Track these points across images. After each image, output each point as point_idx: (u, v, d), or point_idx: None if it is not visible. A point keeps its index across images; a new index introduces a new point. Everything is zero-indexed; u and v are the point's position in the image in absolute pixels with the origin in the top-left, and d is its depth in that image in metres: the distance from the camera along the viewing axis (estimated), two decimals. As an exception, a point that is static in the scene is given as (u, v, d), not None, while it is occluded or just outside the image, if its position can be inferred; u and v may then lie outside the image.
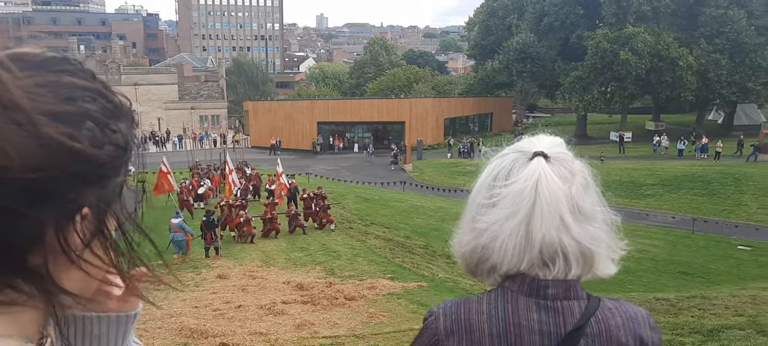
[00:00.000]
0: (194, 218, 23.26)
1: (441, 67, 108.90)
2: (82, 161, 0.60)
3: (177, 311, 12.47)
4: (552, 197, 1.12)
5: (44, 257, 0.61)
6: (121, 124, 0.67)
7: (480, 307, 1.18)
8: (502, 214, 1.15)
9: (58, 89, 0.60)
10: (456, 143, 50.59)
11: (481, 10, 68.15)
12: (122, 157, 0.67)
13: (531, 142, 1.21)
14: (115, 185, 0.67)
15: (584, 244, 1.14)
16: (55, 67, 0.62)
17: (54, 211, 0.59)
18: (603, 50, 50.23)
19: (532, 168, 1.15)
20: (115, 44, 67.01)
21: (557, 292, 1.15)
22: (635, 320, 1.19)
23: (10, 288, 0.59)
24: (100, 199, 0.65)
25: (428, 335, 1.22)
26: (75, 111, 0.60)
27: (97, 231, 0.66)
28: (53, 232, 0.60)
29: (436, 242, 21.71)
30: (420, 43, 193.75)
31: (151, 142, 55.68)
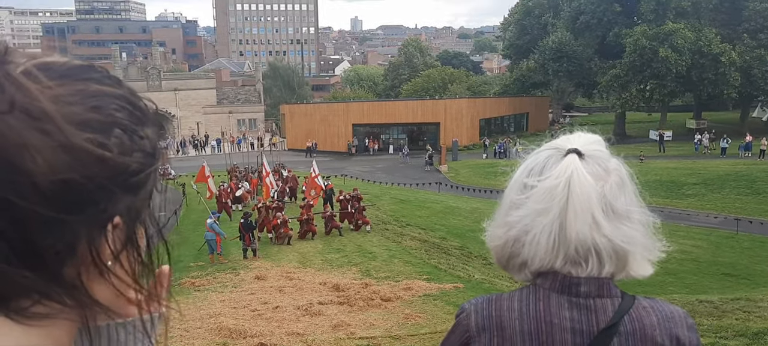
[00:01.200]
0: (232, 220, 23.63)
1: (476, 68, 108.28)
2: (112, 169, 0.60)
3: (216, 312, 12.70)
4: (584, 195, 1.12)
5: (78, 268, 0.61)
6: (149, 130, 0.67)
7: (511, 304, 1.18)
8: (534, 209, 1.15)
9: (85, 98, 0.60)
10: (492, 144, 50.23)
11: (516, 9, 67.55)
12: (151, 165, 0.66)
13: (567, 139, 1.21)
14: (145, 193, 0.67)
15: (617, 243, 1.13)
16: (81, 75, 0.62)
17: (86, 221, 0.60)
18: (641, 48, 49.24)
19: (564, 165, 1.15)
20: (155, 51, 68.48)
21: (590, 290, 1.15)
22: (672, 320, 1.17)
23: (46, 300, 0.59)
24: (130, 207, 0.64)
25: (460, 332, 1.23)
26: (103, 119, 0.61)
27: (127, 241, 0.66)
28: (86, 242, 0.61)
29: (472, 243, 21.60)
30: (454, 43, 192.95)
31: (190, 145, 56.79)
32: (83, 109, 0.59)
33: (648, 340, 1.14)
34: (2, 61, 0.58)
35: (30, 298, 0.58)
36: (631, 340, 1.14)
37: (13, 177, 0.54)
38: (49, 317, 0.60)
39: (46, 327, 0.60)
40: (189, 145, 56.81)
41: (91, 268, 0.62)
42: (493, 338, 1.17)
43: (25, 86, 0.57)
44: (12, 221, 0.55)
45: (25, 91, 0.57)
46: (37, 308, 0.59)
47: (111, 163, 0.60)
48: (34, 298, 0.58)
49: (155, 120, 0.69)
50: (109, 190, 0.60)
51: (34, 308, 0.58)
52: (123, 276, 0.66)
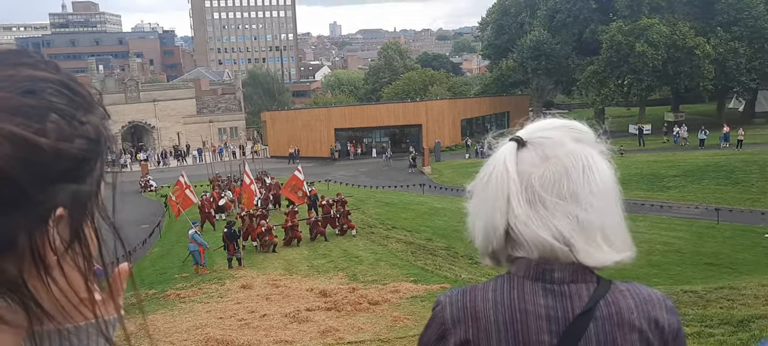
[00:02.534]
0: (216, 230, 23.45)
1: (456, 69, 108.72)
2: (50, 156, 0.56)
3: (202, 323, 12.59)
4: (500, 182, 1.14)
5: (19, 267, 0.56)
6: (92, 116, 0.62)
7: (486, 294, 1.17)
8: (474, 197, 1.20)
9: (16, 82, 0.56)
10: (474, 144, 50.45)
11: (493, 9, 67.96)
12: (95, 150, 0.62)
13: (526, 128, 1.23)
14: (91, 182, 0.62)
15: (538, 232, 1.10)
16: (11, 59, 0.59)
17: (23, 214, 0.55)
18: (618, 43, 49.85)
19: (497, 153, 1.18)
20: (132, 62, 67.85)
21: (564, 275, 1.13)
22: (650, 302, 1.15)
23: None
24: (74, 198, 0.59)
25: (436, 325, 1.22)
26: (37, 104, 0.56)
27: (74, 236, 0.60)
28: (25, 236, 0.56)
29: (458, 243, 21.65)
30: (434, 45, 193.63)
31: (171, 156, 56.31)
32: (14, 94, 0.55)
33: (625, 324, 1.12)
34: None
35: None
36: (607, 324, 1.12)
37: None
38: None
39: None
40: (170, 156, 56.35)
41: (35, 267, 0.57)
42: (468, 329, 1.16)
43: None
44: None
45: None
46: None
47: (48, 149, 0.55)
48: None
49: (100, 107, 0.64)
50: (47, 178, 0.56)
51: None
52: (70, 274, 0.61)
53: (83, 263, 0.62)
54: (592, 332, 1.11)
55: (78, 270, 0.62)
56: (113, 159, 0.64)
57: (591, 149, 1.18)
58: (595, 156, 1.17)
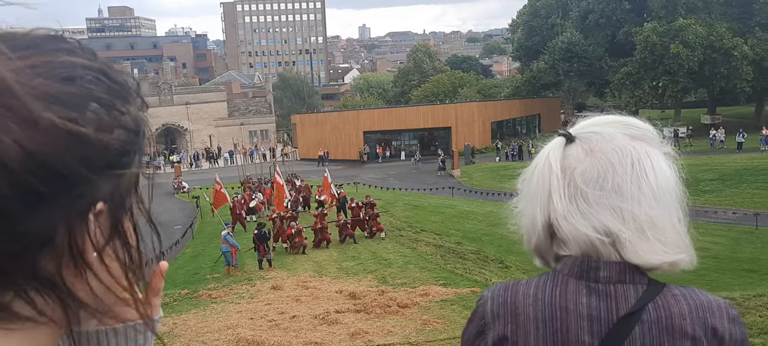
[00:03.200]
0: (247, 231, 23.70)
1: (486, 71, 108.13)
2: (89, 148, 0.53)
3: (233, 323, 12.72)
4: (543, 176, 1.11)
5: (58, 263, 0.54)
6: (130, 106, 0.59)
7: (527, 290, 1.14)
8: (520, 192, 1.18)
9: (54, 69, 0.54)
10: (504, 146, 50.07)
11: (524, 11, 67.49)
12: (134, 143, 0.59)
13: (579, 123, 1.20)
14: (130, 175, 0.59)
15: (582, 228, 1.06)
16: (48, 46, 0.55)
17: (63, 207, 0.53)
18: (652, 44, 48.99)
19: (544, 150, 1.15)
20: (166, 66, 69.07)
21: (610, 275, 1.08)
22: (708, 309, 1.08)
23: (23, 301, 0.53)
24: (114, 192, 0.57)
25: (477, 319, 1.20)
26: (76, 92, 0.54)
27: (113, 230, 0.58)
28: (64, 233, 0.54)
29: (488, 246, 21.51)
30: (463, 47, 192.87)
31: (203, 158, 57.11)
32: (52, 81, 0.53)
33: (675, 330, 1.05)
34: None
35: (6, 291, 0.52)
36: (654, 329, 1.05)
37: None
38: (28, 321, 0.53)
39: (25, 333, 0.54)
40: (202, 159, 57.15)
41: (74, 262, 0.55)
42: (507, 324, 1.13)
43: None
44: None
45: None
46: (16, 306, 0.53)
47: (88, 141, 0.53)
48: (9, 294, 0.52)
49: (138, 97, 0.62)
50: (87, 171, 0.54)
51: (13, 305, 0.52)
52: (110, 271, 0.59)
53: (124, 260, 0.61)
54: (637, 336, 1.06)
55: (119, 267, 0.60)
56: (150, 155, 0.62)
57: (648, 147, 1.13)
58: (651, 153, 1.12)
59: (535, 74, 64.02)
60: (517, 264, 19.13)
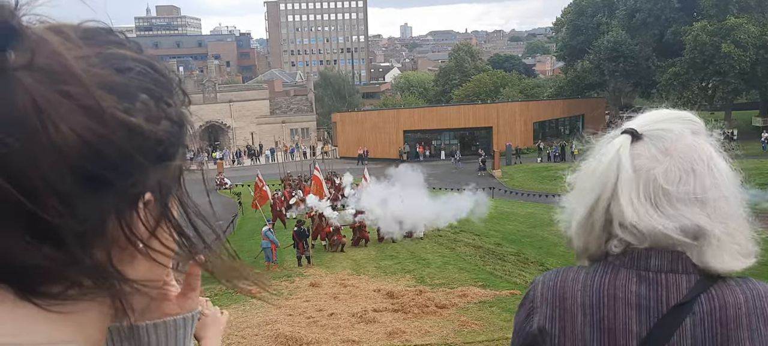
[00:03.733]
0: (286, 228, 23.94)
1: (528, 71, 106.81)
2: (139, 138, 0.54)
3: (272, 319, 12.85)
4: (610, 175, 1.07)
5: (108, 250, 0.55)
6: (175, 99, 0.61)
7: (577, 276, 1.13)
8: (578, 190, 1.14)
9: (106, 60, 0.54)
10: (546, 147, 49.36)
11: (568, 9, 66.37)
12: (178, 135, 0.60)
13: (637, 119, 1.16)
14: (175, 166, 0.60)
15: (663, 230, 1.03)
16: (101, 37, 0.57)
17: (115, 196, 0.54)
18: (702, 44, 47.60)
19: (611, 146, 1.11)
20: (210, 64, 70.35)
21: (661, 263, 1.05)
22: (766, 298, 1.04)
23: (74, 287, 0.53)
24: (161, 182, 0.58)
25: (527, 302, 1.20)
26: (127, 83, 0.55)
27: (161, 217, 0.59)
28: (116, 220, 0.55)
29: (529, 248, 21.23)
30: (506, 47, 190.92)
31: (245, 155, 58.00)
32: (107, 72, 0.53)
33: (731, 321, 1.02)
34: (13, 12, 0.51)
35: (58, 283, 0.53)
36: (708, 320, 1.02)
37: (32, 146, 0.48)
38: (78, 304, 0.54)
39: (75, 318, 0.55)
40: (244, 155, 58.03)
41: (123, 250, 0.56)
42: (555, 309, 1.13)
43: (49, 40, 0.51)
44: (32, 195, 0.49)
45: (48, 45, 0.51)
46: (67, 291, 0.53)
47: (138, 131, 0.54)
48: (64, 283, 0.53)
49: (181, 91, 0.62)
50: (136, 160, 0.54)
51: (65, 292, 0.53)
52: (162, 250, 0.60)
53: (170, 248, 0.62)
54: (687, 327, 1.02)
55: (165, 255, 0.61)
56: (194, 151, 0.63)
57: (707, 143, 1.11)
58: (713, 151, 1.10)
59: (579, 74, 62.90)
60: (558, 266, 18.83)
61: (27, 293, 0.52)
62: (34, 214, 0.49)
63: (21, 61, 0.49)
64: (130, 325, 0.60)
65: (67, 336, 0.54)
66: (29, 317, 0.52)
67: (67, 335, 0.54)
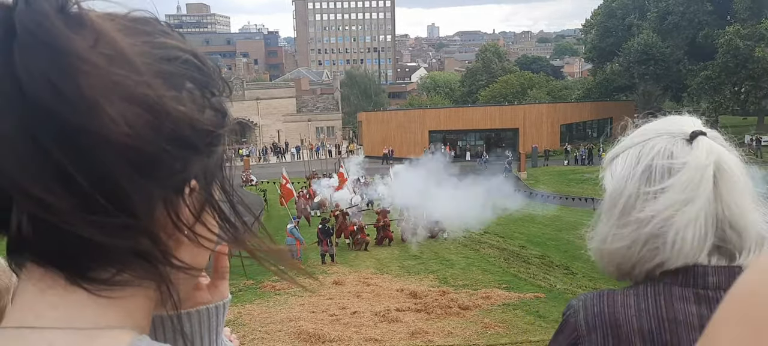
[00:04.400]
0: (311, 226, 24.08)
1: (556, 72, 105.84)
2: (187, 126, 0.55)
3: (296, 316, 12.95)
4: (735, 177, 1.02)
5: (157, 235, 0.56)
6: (217, 89, 0.62)
7: (626, 299, 1.05)
8: (677, 199, 1.02)
9: (154, 49, 0.55)
10: (573, 150, 48.84)
11: (598, 11, 65.59)
12: (222, 124, 0.61)
13: (675, 123, 1.11)
14: (218, 155, 0.61)
15: (760, 229, 1.03)
16: (147, 26, 0.57)
17: (163, 182, 0.55)
18: (735, 48, 46.67)
19: (704, 148, 1.03)
20: (239, 62, 71.10)
21: (720, 280, 1.01)
22: None
23: (122, 272, 0.55)
24: (205, 169, 0.60)
25: (568, 331, 1.11)
26: (175, 71, 0.56)
27: (206, 203, 0.61)
28: (163, 206, 0.56)
29: (554, 251, 21.04)
30: (534, 48, 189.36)
31: (271, 153, 58.46)
32: (153, 60, 0.54)
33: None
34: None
35: (107, 268, 0.54)
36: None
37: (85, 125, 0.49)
38: (127, 288, 0.56)
39: (123, 303, 0.56)
40: (270, 153, 58.50)
41: (169, 236, 0.58)
42: (606, 337, 1.05)
43: (104, 25, 0.52)
44: (89, 174, 0.50)
45: (104, 29, 0.52)
46: (118, 276, 0.55)
47: (186, 119, 0.55)
48: (113, 268, 0.54)
49: (222, 81, 0.63)
50: (183, 148, 0.55)
51: (115, 277, 0.55)
52: (206, 234, 0.62)
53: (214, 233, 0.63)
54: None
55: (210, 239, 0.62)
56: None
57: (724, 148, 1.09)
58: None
59: (608, 76, 62.11)
60: (584, 271, 18.63)
61: (77, 277, 0.54)
62: (89, 198, 0.50)
63: (88, 41, 0.50)
64: (175, 311, 0.61)
65: (115, 321, 0.55)
66: (79, 302, 0.54)
67: (116, 320, 0.56)
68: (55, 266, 0.54)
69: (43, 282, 0.54)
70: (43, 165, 0.49)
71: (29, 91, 0.48)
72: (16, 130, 0.49)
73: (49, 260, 0.54)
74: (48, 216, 0.50)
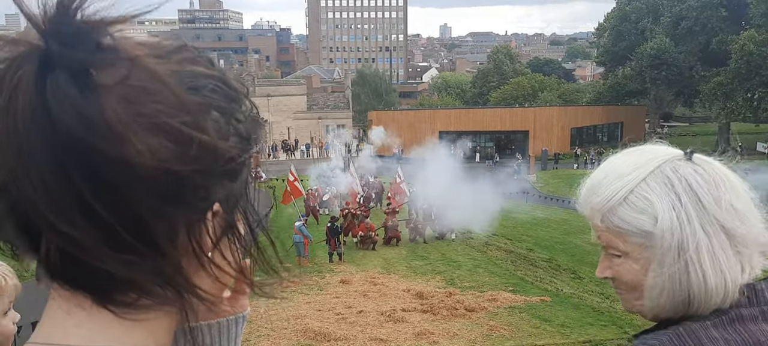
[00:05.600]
0: (319, 224, 24.12)
1: (567, 75, 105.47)
2: (210, 154, 0.56)
3: (302, 314, 12.98)
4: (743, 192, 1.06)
5: (178, 261, 0.58)
6: (243, 113, 0.63)
7: (708, 333, 1.00)
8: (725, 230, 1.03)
9: (182, 78, 0.57)
10: (584, 153, 48.65)
11: (612, 15, 65.24)
12: (247, 150, 0.63)
13: (656, 151, 1.08)
14: (241, 179, 0.63)
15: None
16: (177, 55, 0.59)
17: (185, 209, 0.57)
18: (749, 54, 46.27)
19: (712, 164, 1.06)
20: (250, 58, 71.39)
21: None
22: None
23: (146, 296, 0.57)
24: (228, 195, 0.61)
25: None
26: (200, 101, 0.57)
27: (227, 229, 0.62)
28: (185, 232, 0.58)
29: (561, 255, 20.98)
30: (546, 50, 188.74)
31: (281, 150, 58.58)
32: (182, 90, 0.56)
33: None
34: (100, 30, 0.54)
35: (132, 292, 0.57)
36: None
37: (111, 155, 0.51)
38: (151, 311, 0.58)
39: (147, 324, 0.59)
40: (280, 150, 58.63)
41: (192, 259, 0.60)
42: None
43: (137, 58, 0.54)
44: (113, 208, 0.52)
45: (137, 62, 0.54)
46: (141, 300, 0.57)
47: (209, 147, 0.56)
48: (137, 292, 0.57)
49: (247, 102, 0.65)
50: (208, 176, 0.57)
51: (138, 301, 0.57)
52: (224, 266, 0.63)
53: (236, 256, 0.65)
54: None
55: (233, 262, 0.64)
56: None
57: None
58: None
59: (620, 80, 61.80)
60: (591, 276, 18.55)
61: (104, 300, 0.56)
62: (113, 231, 0.53)
63: (117, 76, 0.52)
64: (190, 328, 0.63)
65: (139, 341, 0.58)
66: (105, 322, 0.57)
67: (139, 340, 0.58)
68: (82, 289, 0.56)
69: (70, 302, 0.57)
70: (71, 199, 0.52)
71: (59, 124, 0.50)
72: (47, 163, 0.51)
73: (76, 284, 0.56)
74: (73, 250, 0.53)
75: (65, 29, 0.53)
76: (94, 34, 0.53)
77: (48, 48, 0.52)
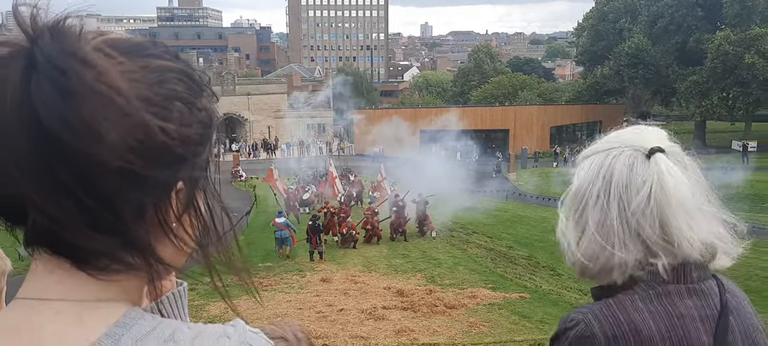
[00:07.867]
0: (300, 223, 24.03)
1: (547, 74, 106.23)
2: (176, 141, 0.64)
3: (282, 312, 12.94)
4: (679, 194, 1.10)
5: (146, 230, 0.67)
6: (204, 100, 0.71)
7: (634, 304, 1.10)
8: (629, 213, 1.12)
9: (148, 73, 0.64)
10: (563, 152, 49.09)
11: (590, 14, 65.86)
12: (208, 134, 0.71)
13: (641, 135, 1.17)
14: (202, 160, 0.71)
15: (708, 238, 1.11)
16: (143, 51, 0.66)
17: (153, 189, 0.65)
18: (724, 53, 47.06)
19: (658, 167, 1.11)
20: (230, 56, 70.66)
21: (700, 274, 1.12)
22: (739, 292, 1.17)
23: (118, 260, 0.66)
24: (191, 174, 0.70)
25: (586, 343, 1.11)
26: (165, 94, 0.64)
27: (188, 204, 0.71)
28: (153, 208, 0.67)
29: (540, 252, 21.14)
30: (526, 50, 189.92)
31: (262, 149, 58.29)
32: (147, 84, 0.63)
33: (746, 313, 1.14)
34: (77, 41, 0.62)
35: (105, 258, 0.66)
36: (738, 316, 1.12)
37: (87, 151, 0.59)
38: (122, 274, 0.67)
39: (120, 283, 0.68)
40: (260, 149, 58.33)
41: (157, 230, 0.69)
42: (628, 344, 1.08)
43: (105, 63, 0.61)
44: (89, 193, 0.61)
45: (105, 67, 0.61)
46: (113, 265, 0.66)
47: (173, 136, 0.64)
48: (110, 259, 0.66)
49: (210, 90, 0.73)
50: (172, 160, 0.65)
51: (111, 266, 0.66)
52: (184, 237, 0.72)
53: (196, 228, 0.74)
54: (734, 326, 1.10)
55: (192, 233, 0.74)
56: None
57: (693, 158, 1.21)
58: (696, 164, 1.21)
59: (599, 80, 62.44)
60: (569, 273, 18.73)
61: (81, 265, 0.66)
62: (90, 213, 0.62)
63: (87, 84, 0.60)
64: (157, 296, 0.75)
65: (113, 296, 0.68)
66: (82, 280, 0.67)
67: (114, 295, 0.68)
68: (62, 255, 0.66)
69: (51, 264, 0.67)
70: (53, 184, 0.60)
71: (43, 119, 0.58)
72: (33, 153, 0.59)
73: (57, 251, 0.66)
74: (55, 227, 0.62)
75: (48, 36, 0.61)
76: (73, 42, 0.61)
77: (33, 51, 0.60)
